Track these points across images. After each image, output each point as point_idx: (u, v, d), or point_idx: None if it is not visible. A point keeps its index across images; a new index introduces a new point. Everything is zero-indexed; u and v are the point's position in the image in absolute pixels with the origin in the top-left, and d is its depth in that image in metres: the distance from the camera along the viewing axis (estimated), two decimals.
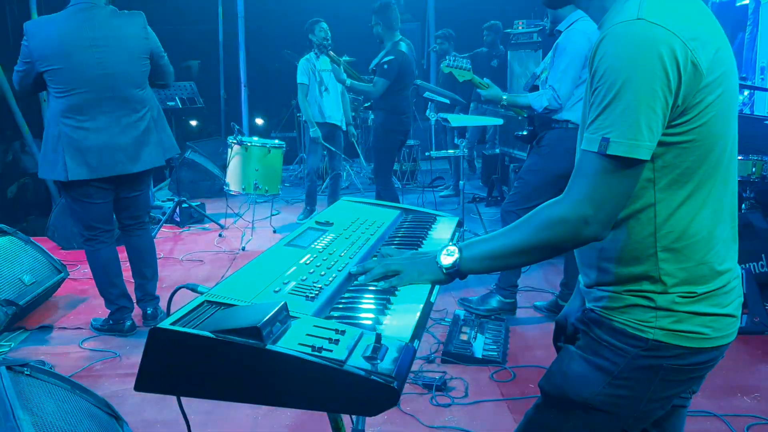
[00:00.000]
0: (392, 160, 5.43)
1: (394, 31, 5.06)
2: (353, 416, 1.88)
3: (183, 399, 1.27)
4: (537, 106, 3.36)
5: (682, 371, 1.28)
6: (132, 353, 3.46)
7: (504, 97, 3.46)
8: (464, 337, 3.37)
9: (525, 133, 3.64)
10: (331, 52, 5.09)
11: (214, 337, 0.98)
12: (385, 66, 4.90)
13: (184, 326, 1.01)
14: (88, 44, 3.25)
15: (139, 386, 1.01)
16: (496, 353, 3.25)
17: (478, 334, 3.41)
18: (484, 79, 3.60)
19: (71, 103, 3.27)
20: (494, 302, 3.73)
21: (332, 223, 1.72)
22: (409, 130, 5.41)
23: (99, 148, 3.30)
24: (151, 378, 1.02)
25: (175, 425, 2.71)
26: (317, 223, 1.71)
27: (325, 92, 6.05)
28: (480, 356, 3.22)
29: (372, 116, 6.36)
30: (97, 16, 3.30)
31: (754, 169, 4.02)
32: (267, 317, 1.01)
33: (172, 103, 6.09)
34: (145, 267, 3.82)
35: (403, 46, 5.05)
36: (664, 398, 1.33)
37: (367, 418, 1.96)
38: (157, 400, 2.89)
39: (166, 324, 1.00)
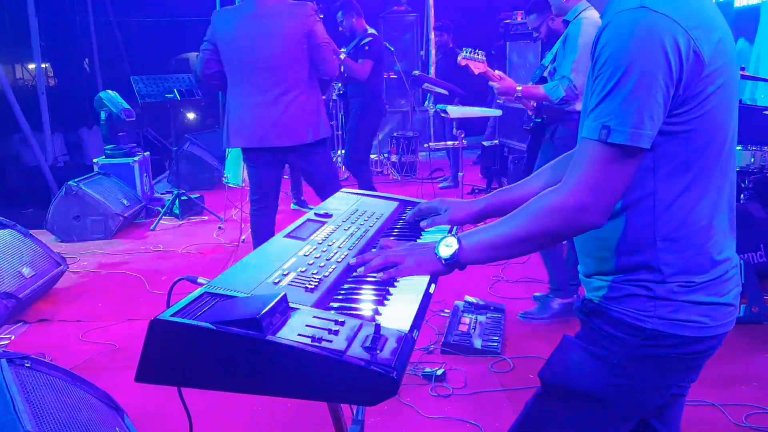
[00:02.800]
0: (371, 142, 5.56)
1: (361, 18, 5.34)
2: (353, 407, 1.89)
3: (185, 392, 1.28)
4: (554, 97, 3.25)
5: (680, 360, 1.29)
6: (132, 345, 3.46)
7: (518, 89, 3.36)
8: (463, 329, 3.38)
9: (533, 125, 3.52)
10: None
11: (214, 328, 0.98)
12: (367, 47, 5.05)
13: (184, 317, 1.01)
14: (249, 29, 3.56)
15: (140, 377, 1.01)
16: (495, 344, 3.26)
17: (477, 326, 3.42)
18: (496, 71, 3.50)
19: (233, 81, 3.67)
20: (556, 306, 3.57)
21: (331, 215, 1.72)
22: (385, 111, 5.58)
23: (251, 120, 3.65)
24: (151, 369, 1.02)
25: (176, 417, 2.71)
26: (316, 214, 1.72)
27: None
28: (479, 347, 3.23)
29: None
30: (263, 3, 3.58)
31: (753, 160, 4.02)
32: (266, 308, 1.01)
33: (171, 96, 6.06)
34: None
35: (374, 31, 5.25)
36: (663, 387, 1.33)
37: (367, 409, 1.96)
38: (157, 392, 2.90)
39: (166, 315, 1.01)
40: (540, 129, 3.52)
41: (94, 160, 6.45)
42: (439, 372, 2.97)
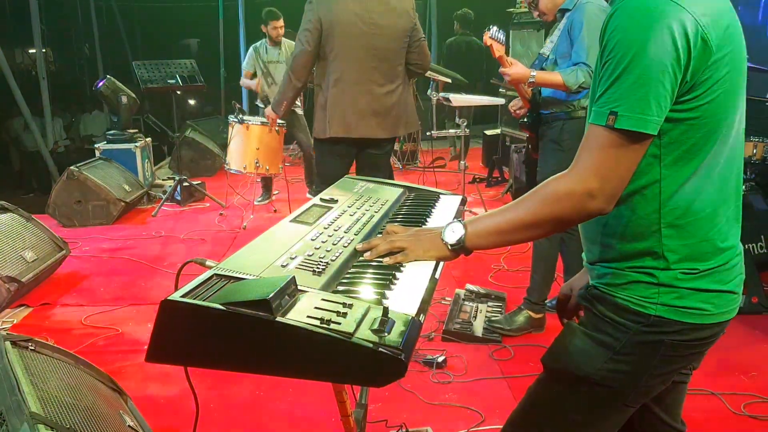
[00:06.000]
0: None
1: None
2: (355, 391, 1.91)
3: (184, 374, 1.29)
4: (572, 83, 3.04)
5: (683, 347, 1.30)
6: (134, 330, 3.48)
7: (532, 74, 3.12)
8: (464, 316, 3.40)
9: (529, 121, 3.33)
10: None
11: (225, 309, 1.00)
12: None
13: (194, 298, 1.02)
14: (362, 17, 3.47)
15: (150, 357, 1.03)
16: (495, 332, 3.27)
17: (478, 314, 3.44)
18: (509, 57, 3.27)
19: (340, 69, 3.52)
20: (522, 319, 3.34)
21: (337, 200, 1.73)
22: None
23: (359, 110, 3.55)
24: (161, 349, 1.03)
25: (178, 401, 2.74)
26: (322, 200, 1.72)
27: (273, 84, 6.14)
28: (480, 335, 3.24)
29: None
30: None
31: (755, 151, 4.03)
32: (276, 290, 1.02)
33: (173, 81, 6.05)
34: None
35: None
36: (665, 373, 1.34)
37: (368, 395, 1.98)
38: (160, 376, 2.92)
39: (176, 296, 1.02)
40: (537, 125, 3.33)
41: (96, 146, 6.44)
42: (440, 359, 2.99)
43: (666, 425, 1.51)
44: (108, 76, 6.40)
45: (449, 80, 5.29)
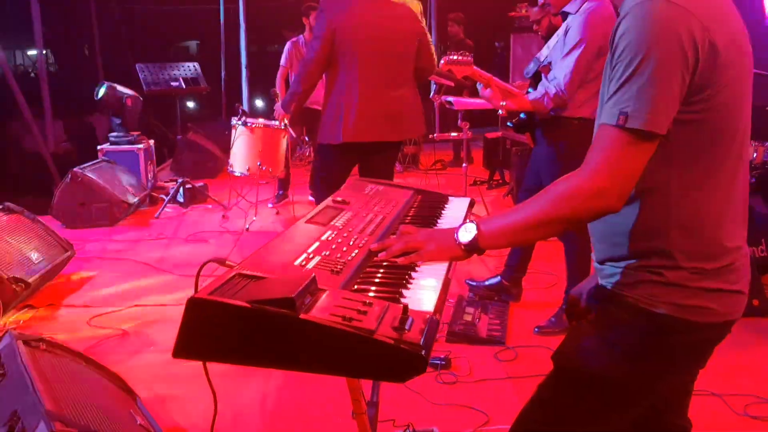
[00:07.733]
0: None
1: None
2: (364, 390, 1.93)
3: (195, 376, 1.31)
4: (540, 110, 3.10)
5: (691, 346, 1.33)
6: (139, 331, 3.50)
7: (502, 104, 3.19)
8: (468, 318, 3.43)
9: (516, 122, 3.35)
10: None
11: (250, 307, 1.03)
12: None
13: (220, 296, 1.05)
14: (374, 23, 3.49)
15: (177, 353, 1.05)
16: (499, 333, 3.30)
17: (482, 315, 3.47)
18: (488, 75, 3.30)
19: (353, 75, 3.52)
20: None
21: (349, 202, 1.76)
22: None
23: (372, 116, 3.55)
24: (188, 345, 1.06)
25: (187, 401, 2.76)
26: (334, 201, 1.75)
27: None
28: (484, 336, 3.27)
29: None
30: None
31: (755, 154, 4.07)
32: (299, 289, 1.05)
33: (175, 84, 6.07)
34: None
35: None
36: (674, 372, 1.37)
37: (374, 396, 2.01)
38: (167, 376, 2.94)
39: (203, 294, 1.05)
40: (525, 125, 3.33)
41: (99, 147, 6.46)
42: (445, 360, 3.01)
43: (672, 423, 1.54)
44: (106, 83, 6.40)
45: (452, 83, 5.31)
